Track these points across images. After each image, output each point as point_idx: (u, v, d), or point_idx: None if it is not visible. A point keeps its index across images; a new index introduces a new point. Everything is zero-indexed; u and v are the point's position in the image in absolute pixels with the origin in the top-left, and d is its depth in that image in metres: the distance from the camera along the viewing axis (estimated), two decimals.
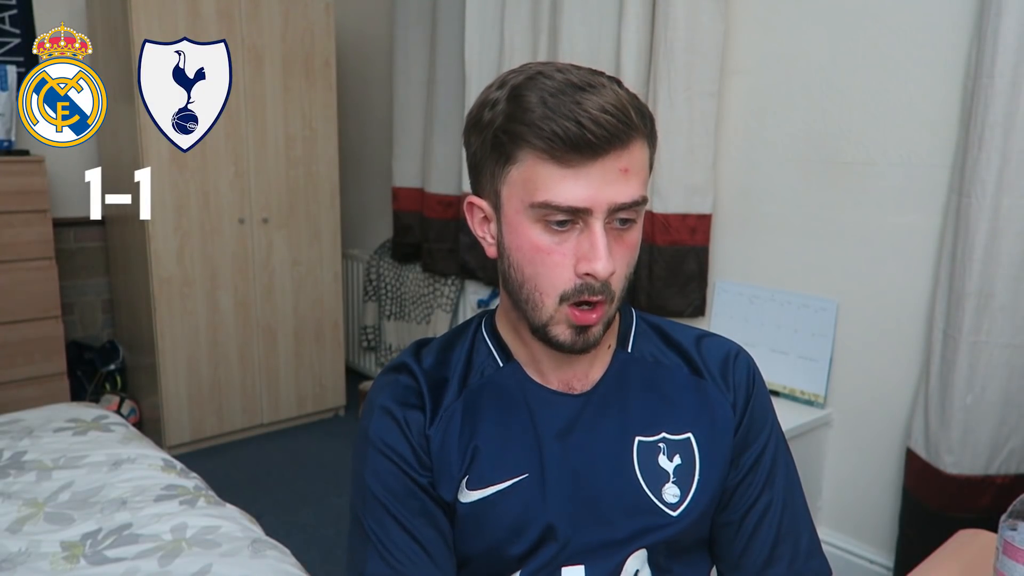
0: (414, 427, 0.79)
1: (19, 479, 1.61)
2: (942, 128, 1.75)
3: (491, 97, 0.72)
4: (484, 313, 0.88)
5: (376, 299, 3.44)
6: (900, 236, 1.86)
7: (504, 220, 0.73)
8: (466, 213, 0.78)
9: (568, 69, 0.70)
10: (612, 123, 0.66)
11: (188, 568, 1.33)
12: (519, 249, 0.72)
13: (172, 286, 2.77)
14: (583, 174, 0.67)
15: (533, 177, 0.69)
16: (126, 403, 3.03)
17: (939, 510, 1.71)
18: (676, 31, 2.07)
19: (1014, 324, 1.62)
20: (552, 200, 0.68)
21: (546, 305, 0.72)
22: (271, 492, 2.60)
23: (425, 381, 0.81)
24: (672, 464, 0.80)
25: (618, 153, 0.68)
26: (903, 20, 1.80)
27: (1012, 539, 0.76)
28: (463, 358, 0.83)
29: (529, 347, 0.80)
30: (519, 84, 0.70)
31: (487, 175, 0.73)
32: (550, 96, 0.67)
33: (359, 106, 3.59)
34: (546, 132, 0.66)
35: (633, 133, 0.68)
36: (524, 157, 0.69)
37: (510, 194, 0.71)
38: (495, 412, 0.80)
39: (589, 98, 0.67)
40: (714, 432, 0.81)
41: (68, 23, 2.82)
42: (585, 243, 0.69)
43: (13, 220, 2.54)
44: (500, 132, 0.70)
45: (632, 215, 0.71)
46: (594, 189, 0.67)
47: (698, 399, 0.82)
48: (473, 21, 2.68)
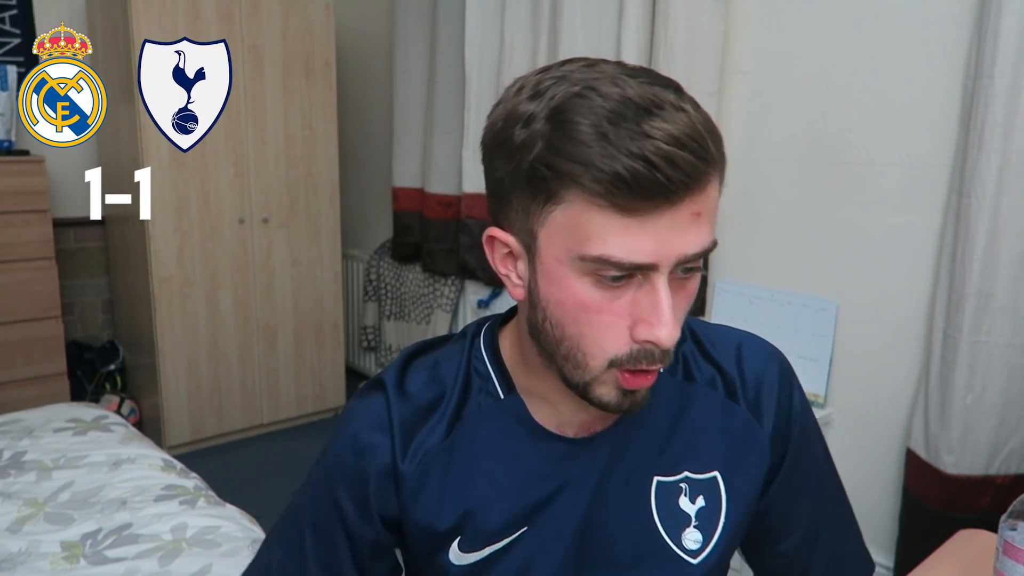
0: (374, 467, 0.69)
1: (19, 479, 1.61)
2: (942, 128, 1.75)
3: (524, 111, 0.57)
4: (483, 324, 0.75)
5: (376, 299, 3.44)
6: (900, 236, 1.86)
7: (540, 266, 0.59)
8: (485, 246, 0.64)
9: (621, 77, 0.56)
10: (689, 161, 0.53)
11: (188, 568, 1.33)
12: (560, 304, 0.59)
13: (172, 286, 2.77)
14: (649, 224, 0.54)
15: (584, 224, 0.55)
16: (126, 403, 3.03)
17: (939, 510, 1.71)
18: (676, 31, 2.07)
19: (1014, 324, 1.62)
20: (610, 256, 0.54)
21: (591, 367, 0.60)
22: (271, 492, 2.59)
23: (402, 413, 0.69)
24: (695, 507, 0.70)
25: (693, 197, 0.54)
26: (903, 20, 1.80)
27: (1012, 539, 0.76)
28: (458, 383, 0.71)
29: (542, 383, 0.68)
30: (564, 103, 0.55)
31: (517, 209, 0.59)
32: (608, 123, 0.53)
33: (359, 106, 3.59)
34: (605, 175, 0.52)
35: (712, 170, 0.55)
36: (573, 199, 0.55)
37: (551, 239, 0.57)
38: (489, 460, 0.69)
39: (658, 125, 0.53)
40: (745, 470, 0.72)
41: (68, 23, 2.82)
42: (645, 303, 0.57)
43: (13, 220, 2.54)
44: (540, 165, 0.55)
45: (698, 263, 0.58)
46: (661, 241, 0.54)
47: (729, 429, 0.71)
48: (473, 21, 2.68)
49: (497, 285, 2.82)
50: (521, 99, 0.58)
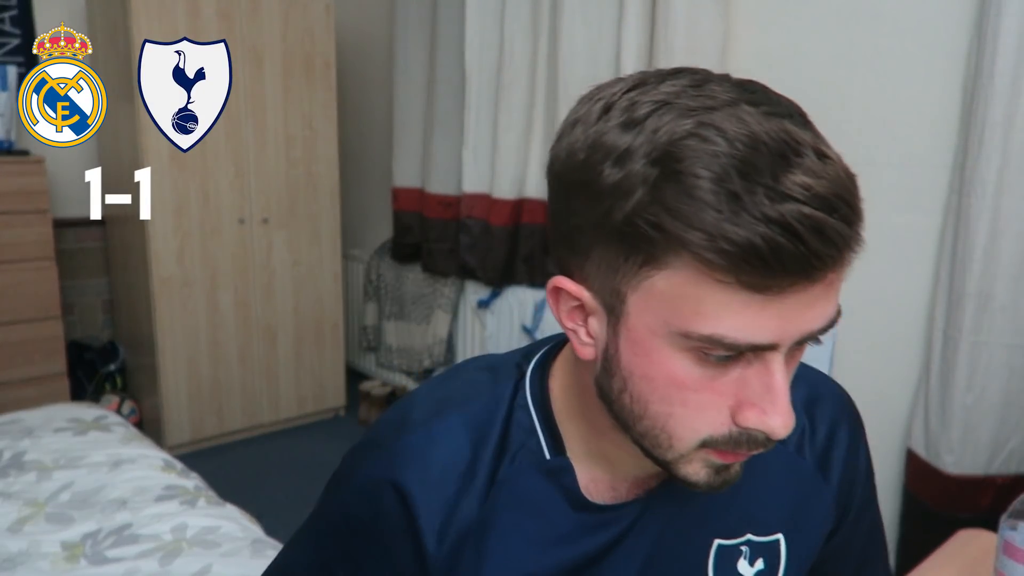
0: (394, 551, 0.59)
1: (19, 479, 1.61)
2: (942, 128, 1.75)
3: (616, 143, 0.46)
4: (529, 358, 0.63)
5: (376, 299, 3.44)
6: (900, 236, 1.86)
7: (627, 334, 0.49)
8: (549, 297, 0.54)
9: (741, 107, 0.45)
10: (839, 230, 0.43)
11: (188, 568, 1.33)
12: (648, 380, 0.49)
13: (172, 286, 2.77)
14: (777, 302, 0.44)
15: (693, 297, 0.45)
16: (126, 403, 3.03)
17: (939, 510, 1.71)
18: (676, 31, 2.07)
19: (1014, 324, 1.62)
20: (724, 336, 0.45)
21: (675, 448, 0.51)
22: (271, 492, 2.60)
23: (427, 497, 0.57)
24: (753, 569, 0.64)
25: (836, 269, 0.45)
26: (903, 20, 1.80)
27: (1012, 539, 0.76)
28: (494, 438, 0.59)
29: (600, 441, 0.58)
30: (675, 144, 0.44)
31: (598, 263, 0.49)
32: (739, 177, 0.42)
33: (359, 106, 3.59)
34: (734, 247, 0.42)
35: (860, 232, 0.45)
36: (681, 267, 0.45)
37: (645, 307, 0.47)
38: (526, 528, 0.59)
39: (800, 180, 0.42)
40: (807, 531, 0.65)
41: (68, 23, 2.82)
42: (756, 384, 0.48)
43: (13, 220, 2.54)
44: (644, 223, 0.45)
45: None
46: (787, 319, 0.45)
47: (795, 485, 0.64)
48: (473, 21, 2.68)
49: (497, 285, 2.82)
50: (610, 126, 0.47)
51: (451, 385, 0.64)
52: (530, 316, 2.69)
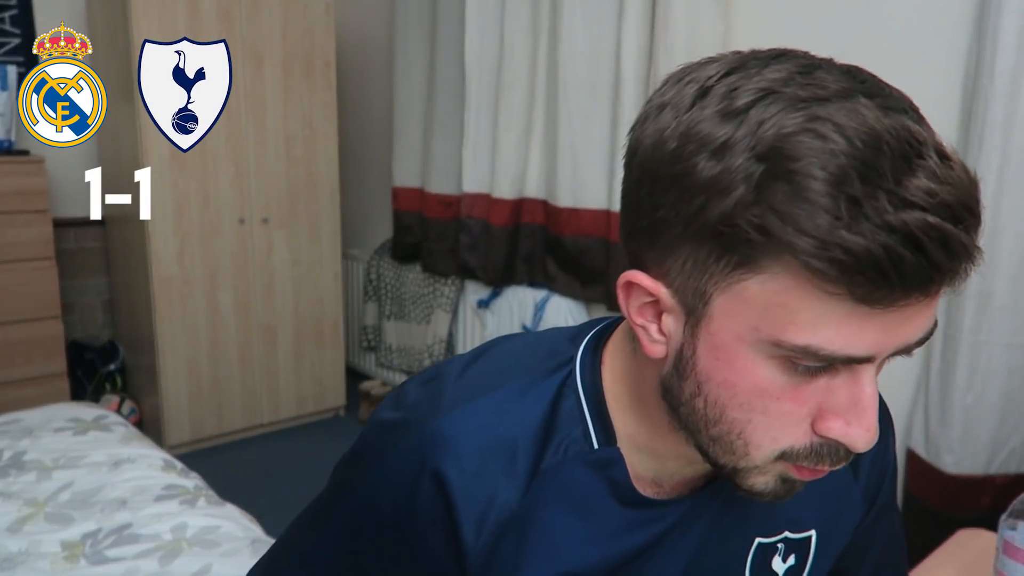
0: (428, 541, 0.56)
1: (19, 479, 1.61)
2: (942, 128, 1.72)
3: (711, 133, 0.43)
4: (582, 342, 0.59)
5: (376, 299, 3.44)
6: None
7: (707, 337, 0.47)
8: (619, 291, 0.50)
9: (857, 98, 0.41)
10: (964, 242, 0.40)
11: (188, 568, 1.33)
12: (728, 386, 0.47)
13: (172, 286, 2.77)
14: (881, 315, 0.41)
15: (792, 306, 0.42)
16: (126, 403, 3.03)
17: (939, 510, 1.71)
18: (676, 31, 2.07)
19: (1014, 324, 1.62)
20: (820, 348, 0.42)
21: (752, 457, 0.48)
22: (271, 492, 2.60)
23: (463, 482, 0.54)
24: (784, 565, 0.63)
25: (955, 282, 0.42)
26: (903, 20, 1.80)
27: (1012, 539, 0.76)
28: (540, 423, 0.55)
29: (654, 437, 0.55)
30: (786, 138, 0.40)
31: (684, 260, 0.46)
32: (860, 181, 0.39)
33: (359, 106, 3.59)
34: (851, 256, 0.39)
35: (979, 241, 0.42)
36: (780, 273, 0.42)
37: (733, 311, 0.45)
38: (570, 522, 0.56)
39: (923, 185, 0.39)
40: (837, 527, 0.65)
41: (68, 23, 2.81)
42: (843, 395, 0.45)
43: (13, 220, 2.54)
44: (746, 224, 0.41)
45: None
46: (888, 332, 0.42)
47: (830, 484, 0.61)
48: (473, 21, 2.68)
49: (497, 285, 2.82)
50: (707, 113, 0.43)
51: (489, 363, 0.60)
52: (530, 316, 2.69)
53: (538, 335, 0.63)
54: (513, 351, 0.61)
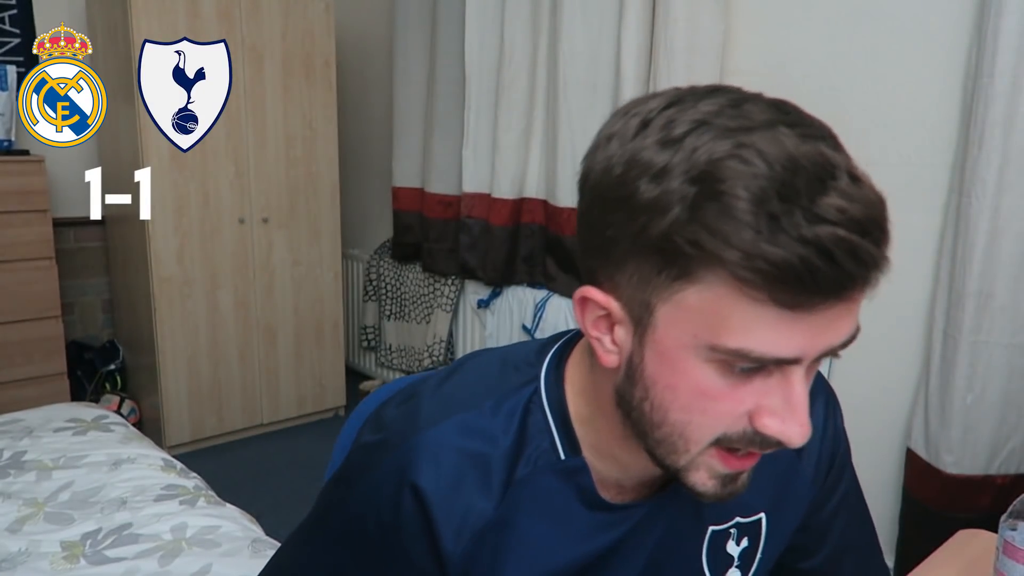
0: (410, 556, 0.60)
1: (19, 479, 1.61)
2: (942, 128, 1.75)
3: (651, 160, 0.47)
4: (544, 362, 0.64)
5: (376, 299, 3.44)
6: (900, 236, 1.84)
7: (653, 345, 0.51)
8: (576, 306, 0.55)
9: (779, 128, 0.47)
10: (871, 253, 0.45)
11: (188, 568, 1.33)
12: (672, 389, 0.51)
13: (172, 286, 2.77)
14: (806, 319, 0.46)
15: (724, 312, 0.47)
16: (126, 403, 3.03)
17: (939, 510, 1.71)
18: (676, 31, 2.07)
19: (1014, 324, 1.62)
20: (752, 350, 0.47)
21: (690, 452, 0.53)
22: (271, 492, 2.60)
23: (439, 497, 0.58)
24: (739, 548, 0.68)
25: (867, 289, 0.47)
26: (903, 20, 1.80)
27: (1012, 539, 0.76)
28: (510, 437, 0.60)
29: (613, 445, 0.60)
30: (715, 163, 0.45)
31: (630, 275, 0.50)
32: (778, 199, 0.44)
33: (359, 106, 3.59)
34: (770, 265, 0.44)
35: (888, 253, 0.48)
36: (714, 282, 0.46)
37: (674, 320, 0.49)
38: (542, 528, 0.61)
39: (835, 203, 0.44)
40: (787, 509, 0.70)
41: (68, 23, 2.82)
42: (776, 394, 0.50)
43: (13, 220, 2.54)
44: (680, 239, 0.46)
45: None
46: (813, 336, 0.47)
47: (775, 469, 0.67)
48: (473, 21, 2.68)
49: (497, 285, 2.82)
50: (648, 142, 0.48)
51: (461, 381, 0.64)
52: (530, 316, 2.69)
53: (506, 351, 0.67)
54: (483, 368, 0.65)
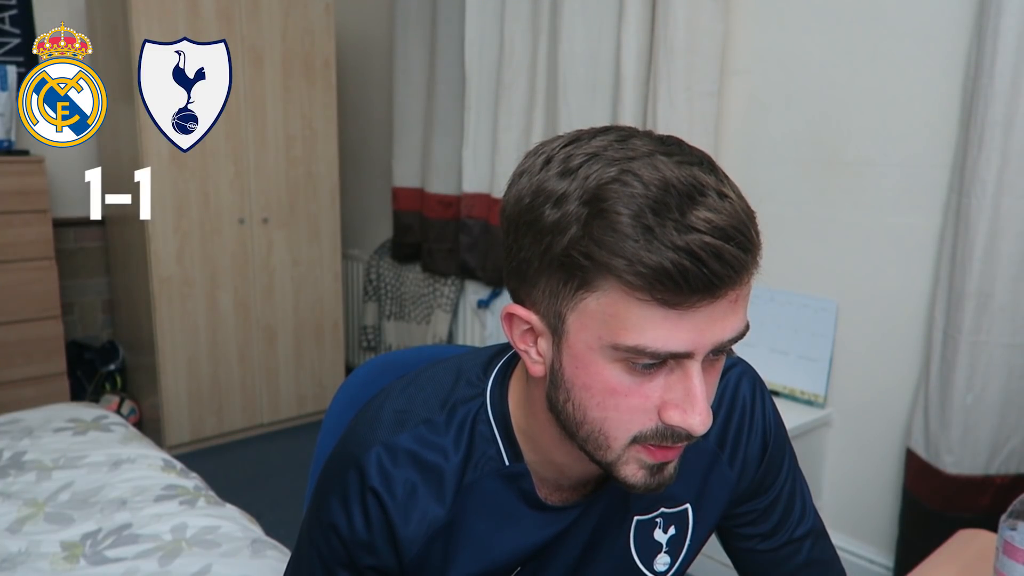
0: (373, 555, 0.68)
1: (19, 479, 1.61)
2: (942, 128, 1.75)
3: (553, 188, 0.55)
4: (491, 377, 0.71)
5: (376, 299, 3.44)
6: (900, 236, 1.86)
7: (567, 350, 0.58)
8: (503, 322, 0.63)
9: (658, 158, 0.54)
10: (735, 255, 0.52)
11: (188, 568, 1.33)
12: (587, 389, 0.58)
13: (172, 286, 2.77)
14: (689, 316, 0.53)
15: (620, 315, 0.54)
16: (126, 403, 3.03)
17: (939, 510, 1.71)
18: (676, 31, 2.07)
19: (1014, 324, 1.62)
20: (646, 346, 0.53)
21: (613, 448, 0.59)
22: (271, 492, 2.60)
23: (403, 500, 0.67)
24: (666, 536, 0.75)
25: (735, 288, 0.54)
26: (903, 20, 1.80)
27: (1012, 539, 0.76)
28: (461, 448, 0.68)
29: (551, 450, 0.67)
30: (601, 188, 0.53)
31: (543, 290, 0.58)
32: (651, 213, 0.51)
33: (359, 106, 3.59)
34: (649, 270, 0.51)
35: (755, 258, 0.54)
36: (609, 289, 0.53)
37: (582, 325, 0.56)
38: (488, 528, 0.69)
39: (703, 215, 0.51)
40: (711, 498, 0.76)
41: (68, 23, 2.82)
42: (678, 388, 0.56)
43: (13, 220, 2.54)
44: (577, 252, 0.53)
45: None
46: (699, 331, 0.54)
47: (699, 462, 0.74)
48: (473, 21, 2.68)
49: (497, 285, 2.82)
50: (550, 175, 0.56)
51: (419, 393, 0.71)
52: None
53: (461, 362, 0.74)
54: (439, 380, 0.72)
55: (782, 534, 0.79)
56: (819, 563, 0.81)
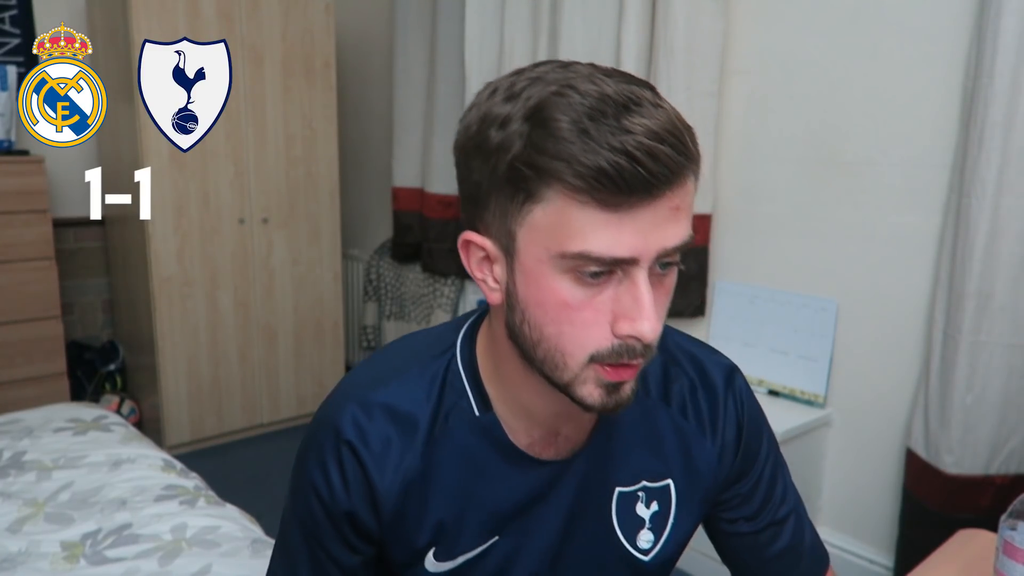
0: (351, 512, 0.70)
1: (19, 479, 1.61)
2: (942, 128, 1.75)
3: (498, 112, 0.58)
4: (460, 331, 0.74)
5: (376, 299, 3.44)
6: (900, 236, 1.86)
7: (520, 268, 0.60)
8: (461, 251, 0.65)
9: (598, 77, 0.57)
10: (669, 155, 0.54)
11: (188, 568, 1.33)
12: (540, 305, 0.59)
13: (172, 286, 2.77)
14: (630, 219, 0.54)
15: (565, 221, 0.55)
16: (126, 403, 3.03)
17: (939, 510, 1.71)
18: (676, 31, 2.07)
19: (1014, 324, 1.62)
20: (591, 251, 0.55)
21: (570, 367, 0.60)
22: (271, 492, 2.59)
23: (369, 456, 0.68)
24: (649, 511, 0.76)
25: (672, 191, 0.55)
26: (903, 20, 1.80)
27: (1012, 539, 0.76)
28: (431, 400, 0.70)
29: (519, 393, 0.69)
30: (543, 101, 0.56)
31: (494, 211, 0.60)
32: (588, 119, 0.53)
33: (359, 106, 3.59)
34: (588, 169, 0.53)
35: (690, 164, 0.56)
36: (553, 197, 0.55)
37: (531, 239, 0.58)
38: (462, 477, 0.70)
39: (637, 121, 0.53)
40: (694, 480, 0.77)
41: (68, 23, 2.82)
42: (626, 298, 0.57)
43: (13, 220, 2.54)
44: (520, 163, 0.56)
45: (676, 257, 0.59)
46: (642, 236, 0.55)
47: (682, 442, 0.76)
48: (473, 21, 2.68)
49: None
50: (495, 101, 0.59)
51: (391, 353, 0.76)
52: None
53: (430, 329, 0.78)
54: (410, 341, 0.77)
55: (765, 515, 0.81)
56: (799, 546, 0.83)
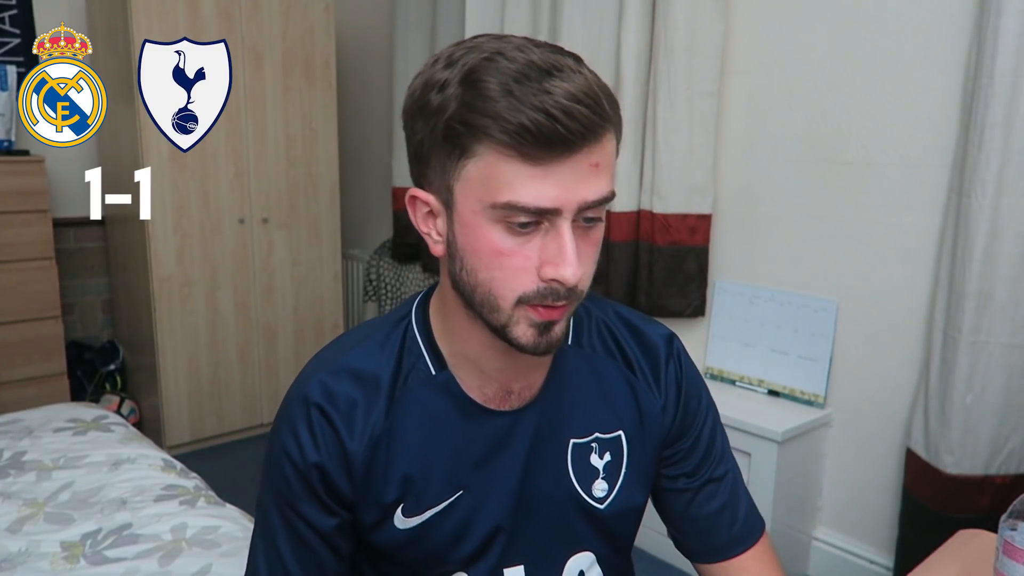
0: (323, 476, 0.74)
1: (19, 479, 1.61)
2: (942, 128, 1.75)
3: (438, 78, 0.64)
4: (415, 300, 0.81)
5: (376, 299, 3.44)
6: (900, 236, 1.86)
7: (457, 219, 0.66)
8: (408, 207, 0.71)
9: (527, 47, 0.63)
10: (585, 114, 0.60)
11: (188, 568, 1.33)
12: (475, 252, 0.66)
13: (172, 286, 2.77)
14: (552, 172, 0.61)
15: (495, 175, 0.62)
16: (126, 403, 3.03)
17: (939, 510, 1.71)
18: (676, 31, 2.07)
19: (1014, 324, 1.62)
20: (518, 201, 0.62)
21: (503, 308, 0.67)
22: None
23: (346, 411, 0.74)
24: (603, 461, 0.81)
25: (590, 148, 0.62)
26: (903, 20, 1.80)
27: (1012, 539, 0.76)
28: (391, 363, 0.76)
29: (467, 347, 0.75)
30: (475, 66, 0.62)
31: (435, 168, 0.66)
32: (513, 82, 0.60)
33: (359, 106, 3.59)
34: (512, 125, 0.59)
35: (606, 124, 0.63)
36: (484, 152, 0.62)
37: (465, 192, 0.64)
38: (424, 432, 0.76)
39: (558, 84, 0.60)
40: (643, 431, 0.82)
41: (68, 23, 2.82)
42: (552, 246, 0.64)
43: (13, 220, 2.54)
44: (455, 122, 0.62)
45: (599, 213, 0.66)
46: (563, 188, 0.62)
47: (630, 395, 0.82)
48: (473, 21, 2.68)
49: None
50: (437, 69, 0.65)
51: (354, 332, 0.81)
52: None
53: (399, 307, 0.83)
54: (370, 323, 0.82)
55: (703, 472, 0.86)
56: (735, 507, 0.87)
